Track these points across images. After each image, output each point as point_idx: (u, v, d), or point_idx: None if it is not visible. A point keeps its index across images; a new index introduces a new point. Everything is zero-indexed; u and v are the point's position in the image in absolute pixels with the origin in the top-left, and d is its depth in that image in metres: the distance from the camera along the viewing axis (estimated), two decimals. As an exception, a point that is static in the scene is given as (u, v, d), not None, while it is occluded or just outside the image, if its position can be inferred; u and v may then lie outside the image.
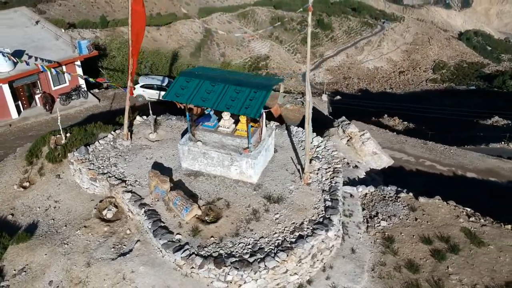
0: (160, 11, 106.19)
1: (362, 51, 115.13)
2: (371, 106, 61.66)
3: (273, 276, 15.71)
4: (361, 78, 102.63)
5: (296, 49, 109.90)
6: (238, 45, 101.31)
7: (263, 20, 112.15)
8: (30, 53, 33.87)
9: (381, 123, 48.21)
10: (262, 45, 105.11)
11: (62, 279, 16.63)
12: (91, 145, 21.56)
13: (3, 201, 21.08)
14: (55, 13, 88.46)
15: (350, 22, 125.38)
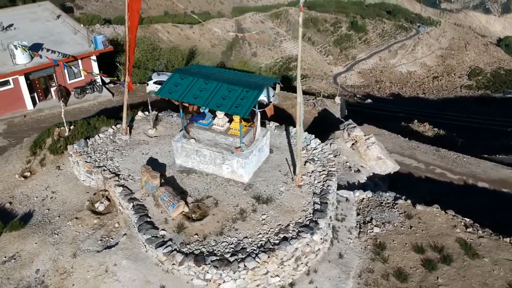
0: (194, 9, 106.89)
1: (395, 54, 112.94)
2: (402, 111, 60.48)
3: (253, 277, 15.59)
4: (393, 82, 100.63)
5: (328, 51, 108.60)
6: (270, 45, 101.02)
7: (296, 21, 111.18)
8: (48, 47, 34.75)
9: (411, 128, 47.16)
10: (294, 45, 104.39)
11: (48, 268, 16.94)
12: (91, 139, 21.87)
13: (4, 189, 21.63)
14: (92, 8, 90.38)
15: (385, 25, 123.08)
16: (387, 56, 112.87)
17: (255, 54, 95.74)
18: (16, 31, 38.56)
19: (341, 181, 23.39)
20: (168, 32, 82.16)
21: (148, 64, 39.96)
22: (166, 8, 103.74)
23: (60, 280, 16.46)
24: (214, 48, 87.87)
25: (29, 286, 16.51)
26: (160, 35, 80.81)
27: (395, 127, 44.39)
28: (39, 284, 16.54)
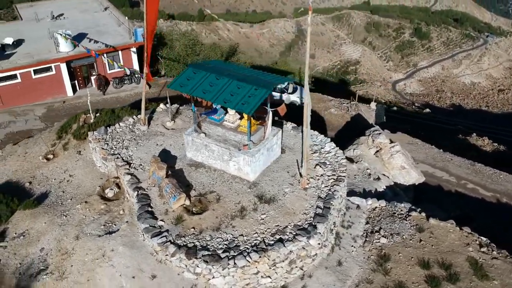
0: (256, 8, 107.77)
1: (459, 64, 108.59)
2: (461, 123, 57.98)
3: (242, 275, 15.47)
4: (455, 93, 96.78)
5: (389, 56, 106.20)
6: (329, 47, 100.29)
7: (358, 24, 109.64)
8: (92, 37, 36.16)
9: (468, 141, 45.10)
10: (354, 49, 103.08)
11: (52, 248, 17.58)
12: (112, 127, 22.49)
13: (27, 169, 22.67)
14: None
15: (450, 33, 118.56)
16: (451, 65, 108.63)
17: (313, 56, 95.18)
18: (65, 21, 40.36)
19: (357, 188, 22.80)
20: (228, 30, 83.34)
21: (188, 59, 40.62)
22: (228, 6, 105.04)
23: (60, 260, 17.05)
24: (273, 48, 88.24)
25: (32, 263, 17.20)
26: (220, 33, 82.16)
27: (450, 139, 42.79)
28: (42, 262, 17.19)
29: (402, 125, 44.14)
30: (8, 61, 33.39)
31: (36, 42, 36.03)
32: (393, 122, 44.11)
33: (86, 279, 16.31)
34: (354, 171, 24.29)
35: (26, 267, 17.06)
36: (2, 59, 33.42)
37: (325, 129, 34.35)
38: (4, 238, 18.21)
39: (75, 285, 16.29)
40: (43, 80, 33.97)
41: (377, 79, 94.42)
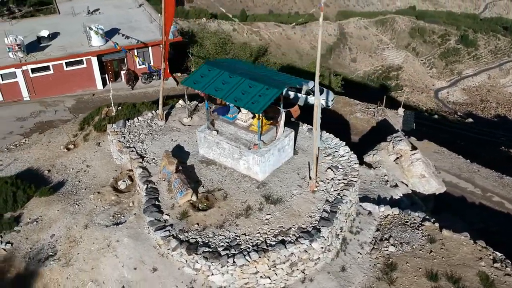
0: (299, 10, 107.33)
1: (507, 74, 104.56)
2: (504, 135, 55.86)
3: (241, 274, 15.44)
4: (500, 103, 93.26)
5: (432, 63, 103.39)
6: (372, 51, 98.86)
7: (402, 30, 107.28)
8: (124, 32, 36.91)
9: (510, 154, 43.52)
10: (397, 54, 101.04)
11: (62, 235, 18.06)
12: (130, 120, 22.91)
13: (48, 158, 23.39)
14: (201, 2, 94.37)
15: (499, 41, 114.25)
16: (497, 74, 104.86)
17: (354, 60, 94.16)
18: (100, 16, 41.43)
19: (372, 194, 22.36)
20: (269, 31, 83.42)
21: (217, 57, 40.87)
22: (271, 7, 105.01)
23: (68, 247, 17.50)
24: (313, 50, 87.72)
25: (42, 248, 17.72)
26: (262, 33, 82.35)
27: (490, 151, 41.38)
28: (51, 248, 17.69)
29: (441, 134, 43.07)
30: (43, 53, 34.57)
31: (70, 36, 37.14)
32: (431, 130, 43.12)
33: (91, 268, 16.69)
34: (371, 176, 23.83)
35: (36, 252, 17.59)
36: (37, 51, 34.61)
37: (349, 133, 33.88)
38: (18, 223, 18.84)
39: (80, 273, 16.68)
40: (74, 72, 34.97)
41: (419, 86, 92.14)
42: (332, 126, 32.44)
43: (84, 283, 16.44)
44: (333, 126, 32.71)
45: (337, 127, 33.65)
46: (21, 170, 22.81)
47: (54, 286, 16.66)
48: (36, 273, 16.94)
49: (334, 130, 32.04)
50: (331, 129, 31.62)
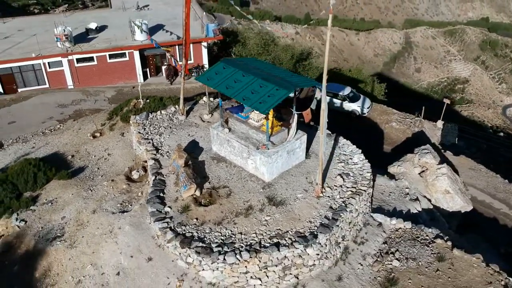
0: (365, 16, 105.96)
1: None
2: None
3: (231, 273, 15.43)
4: None
5: (502, 78, 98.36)
6: (437, 62, 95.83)
7: (472, 41, 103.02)
8: (168, 28, 37.80)
9: None
10: (464, 67, 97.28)
11: (71, 218, 18.79)
12: (154, 113, 23.47)
13: (75, 144, 24.40)
14: (266, 4, 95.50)
15: None
16: None
17: (418, 70, 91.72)
18: (148, 12, 42.74)
19: (388, 206, 21.60)
20: (333, 36, 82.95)
21: (258, 58, 41.02)
22: (337, 12, 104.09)
23: (75, 230, 18.19)
24: (376, 58, 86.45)
25: (52, 229, 18.52)
26: (325, 38, 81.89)
27: None
28: (60, 229, 18.45)
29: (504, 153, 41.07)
30: (89, 44, 36.14)
31: (117, 29, 38.56)
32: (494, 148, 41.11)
33: (92, 251, 17.25)
34: (391, 188, 23.03)
35: (45, 232, 18.40)
36: (84, 42, 36.22)
37: (382, 142, 32.98)
38: (35, 203, 19.78)
39: (81, 255, 17.30)
40: (117, 65, 36.28)
41: (486, 101, 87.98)
42: (364, 135, 31.97)
43: (84, 266, 17.02)
44: (365, 135, 32.28)
45: (370, 136, 33.09)
46: (49, 153, 23.92)
47: (57, 266, 17.35)
48: (43, 251, 17.72)
49: (367, 138, 31.61)
50: (364, 137, 31.20)
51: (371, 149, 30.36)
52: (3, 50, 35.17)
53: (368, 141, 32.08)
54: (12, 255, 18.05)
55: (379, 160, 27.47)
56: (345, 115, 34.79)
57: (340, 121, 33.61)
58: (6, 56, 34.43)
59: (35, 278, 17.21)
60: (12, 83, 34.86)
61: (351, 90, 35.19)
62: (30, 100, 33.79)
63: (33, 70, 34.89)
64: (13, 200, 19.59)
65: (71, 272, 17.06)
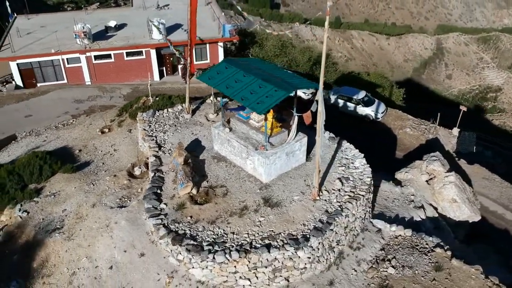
0: (396, 21, 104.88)
1: None
2: None
3: (220, 272, 15.45)
4: None
5: None
6: (469, 69, 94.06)
7: (507, 49, 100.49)
8: (185, 28, 38.17)
9: None
10: (497, 75, 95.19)
11: (72, 211, 19.13)
12: (161, 111, 23.71)
13: (84, 139, 24.87)
14: (297, 7, 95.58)
15: None
16: None
17: (449, 77, 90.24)
18: (168, 11, 43.23)
19: (390, 212, 21.27)
20: (362, 40, 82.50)
21: (275, 59, 41.05)
22: (368, 16, 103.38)
23: (74, 223, 18.51)
24: (406, 63, 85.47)
25: (52, 220, 18.89)
26: (354, 42, 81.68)
27: None
28: (60, 221, 18.81)
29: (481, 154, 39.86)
30: (107, 41, 36.79)
31: (136, 28, 39.12)
32: None
33: (88, 244, 17.53)
34: (396, 194, 22.67)
35: (46, 223, 18.79)
36: (102, 39, 36.88)
37: (394, 148, 32.47)
38: (39, 195, 20.22)
39: (77, 248, 17.59)
40: (133, 62, 36.81)
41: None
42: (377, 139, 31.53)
43: (80, 258, 17.30)
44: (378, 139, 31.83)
45: (382, 141, 32.61)
46: (58, 147, 24.47)
47: (55, 257, 17.69)
48: (42, 242, 18.09)
49: (379, 143, 31.18)
50: (376, 142, 30.81)
51: (382, 155, 30.11)
52: (24, 46, 36.13)
53: (380, 146, 31.68)
54: (13, 244, 18.49)
55: (389, 166, 27.16)
56: (359, 119, 34.40)
57: (353, 125, 33.34)
58: (27, 51, 35.37)
59: (33, 268, 17.58)
60: (32, 77, 35.78)
61: (366, 94, 34.78)
62: (48, 94, 34.59)
63: (52, 65, 35.75)
64: (18, 191, 20.08)
65: (67, 263, 17.36)
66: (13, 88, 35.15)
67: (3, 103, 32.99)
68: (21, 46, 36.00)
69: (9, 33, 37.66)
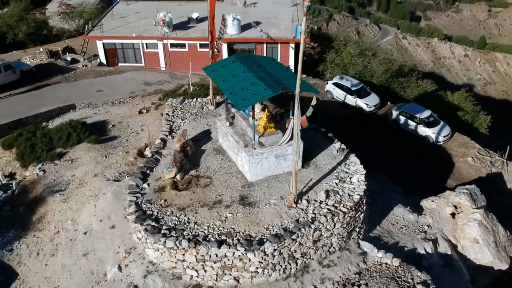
0: None
1: None
2: None
3: (169, 257, 15.77)
4: None
5: None
6: None
7: None
8: (262, 27, 38.88)
9: None
10: None
11: (79, 177, 20.76)
12: (190, 99, 24.56)
13: (123, 116, 26.65)
14: (439, 22, 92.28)
15: None
16: None
17: None
18: (254, 9, 44.17)
19: (389, 238, 19.72)
20: (507, 64, 77.12)
21: (348, 66, 39.86)
22: None
23: (75, 188, 20.09)
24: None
25: (60, 183, 20.68)
26: (498, 65, 76.78)
27: None
28: (65, 184, 20.52)
29: None
30: (185, 32, 38.77)
31: (217, 22, 40.47)
32: None
33: (76, 209, 18.96)
34: (407, 221, 20.88)
35: (54, 184, 20.63)
36: (181, 29, 38.94)
37: (448, 176, 29.68)
38: (60, 158, 22.24)
39: (68, 210, 19.11)
40: (206, 54, 38.04)
41: None
42: (430, 164, 29.13)
43: (67, 220, 18.80)
44: (431, 164, 29.37)
45: (437, 166, 29.98)
46: (100, 120, 26.55)
47: (50, 215, 19.40)
48: (44, 200, 19.94)
49: (432, 168, 28.77)
50: (428, 166, 28.55)
51: (430, 180, 27.78)
52: (113, 28, 39.56)
53: (432, 171, 29.22)
54: (24, 197, 20.63)
55: (430, 192, 24.96)
56: (418, 140, 32.08)
57: (406, 143, 31.19)
58: (114, 33, 38.66)
59: (31, 221, 19.46)
60: (114, 57, 39.08)
61: (431, 114, 32.29)
62: (123, 74, 37.46)
63: (132, 48, 38.69)
64: (44, 152, 22.30)
65: (56, 222, 18.95)
66: (96, 65, 38.68)
67: (83, 76, 36.48)
68: (110, 27, 39.47)
69: (106, 16, 41.51)
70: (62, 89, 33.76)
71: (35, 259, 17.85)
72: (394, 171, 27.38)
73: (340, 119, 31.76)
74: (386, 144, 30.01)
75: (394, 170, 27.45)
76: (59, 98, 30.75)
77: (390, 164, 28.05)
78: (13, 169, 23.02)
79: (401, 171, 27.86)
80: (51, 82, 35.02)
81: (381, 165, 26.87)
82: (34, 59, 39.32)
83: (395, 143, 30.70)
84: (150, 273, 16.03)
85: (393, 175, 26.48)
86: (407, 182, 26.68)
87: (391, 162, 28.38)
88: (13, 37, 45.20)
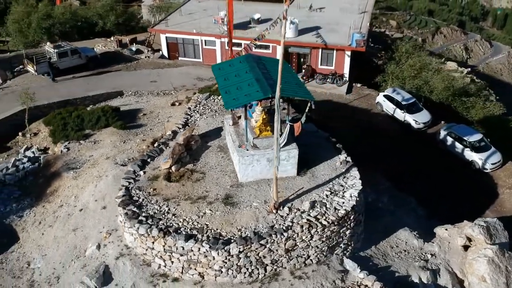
0: None
1: None
2: None
3: (141, 243, 16.37)
4: None
5: None
6: None
7: None
8: (321, 32, 38.62)
9: None
10: None
11: (95, 158, 22.13)
12: (215, 96, 25.08)
13: (157, 106, 27.86)
14: None
15: None
16: None
17: None
18: (318, 13, 43.67)
19: (381, 261, 18.71)
20: None
21: (410, 81, 38.00)
22: None
23: (87, 168, 21.46)
24: None
25: (78, 161, 22.21)
26: None
27: None
28: (82, 163, 21.99)
29: None
30: (244, 31, 39.34)
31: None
32: None
33: (81, 187, 20.24)
34: (409, 246, 19.64)
35: (73, 162, 22.20)
36: (242, 29, 39.62)
37: (487, 207, 27.27)
38: (86, 139, 23.83)
39: (75, 187, 20.48)
40: (260, 55, 38.51)
41: None
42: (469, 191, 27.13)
43: (71, 196, 20.14)
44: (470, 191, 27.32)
45: (479, 195, 27.72)
46: (136, 108, 27.97)
47: (61, 190, 20.93)
48: (60, 175, 21.54)
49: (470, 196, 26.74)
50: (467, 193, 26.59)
51: (463, 207, 25.78)
52: (178, 23, 41.22)
53: (470, 199, 27.03)
54: (46, 170, 22.42)
55: (459, 221, 23.28)
56: (464, 164, 29.86)
57: (450, 167, 29.13)
58: (177, 28, 40.33)
59: (45, 193, 21.12)
60: (175, 51, 40.73)
61: (482, 138, 29.91)
62: (180, 68, 38.95)
63: (192, 44, 40.05)
64: (73, 131, 24.01)
65: (63, 197, 20.40)
66: (158, 57, 40.61)
67: (143, 67, 38.48)
68: (175, 23, 41.20)
69: (174, 12, 43.38)
70: (121, 76, 35.90)
71: (36, 228, 19.35)
72: (426, 192, 25.80)
73: (382, 135, 30.47)
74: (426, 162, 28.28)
75: (426, 191, 25.86)
76: (115, 85, 32.72)
77: (423, 184, 26.44)
78: (47, 145, 25.01)
79: (433, 193, 26.15)
80: (113, 69, 37.35)
81: (411, 182, 25.61)
82: (106, 46, 42.21)
83: (437, 163, 28.83)
84: (122, 255, 16.73)
85: (422, 196, 25.03)
86: (436, 205, 25.02)
87: (426, 183, 26.71)
88: (102, 26, 48.86)
